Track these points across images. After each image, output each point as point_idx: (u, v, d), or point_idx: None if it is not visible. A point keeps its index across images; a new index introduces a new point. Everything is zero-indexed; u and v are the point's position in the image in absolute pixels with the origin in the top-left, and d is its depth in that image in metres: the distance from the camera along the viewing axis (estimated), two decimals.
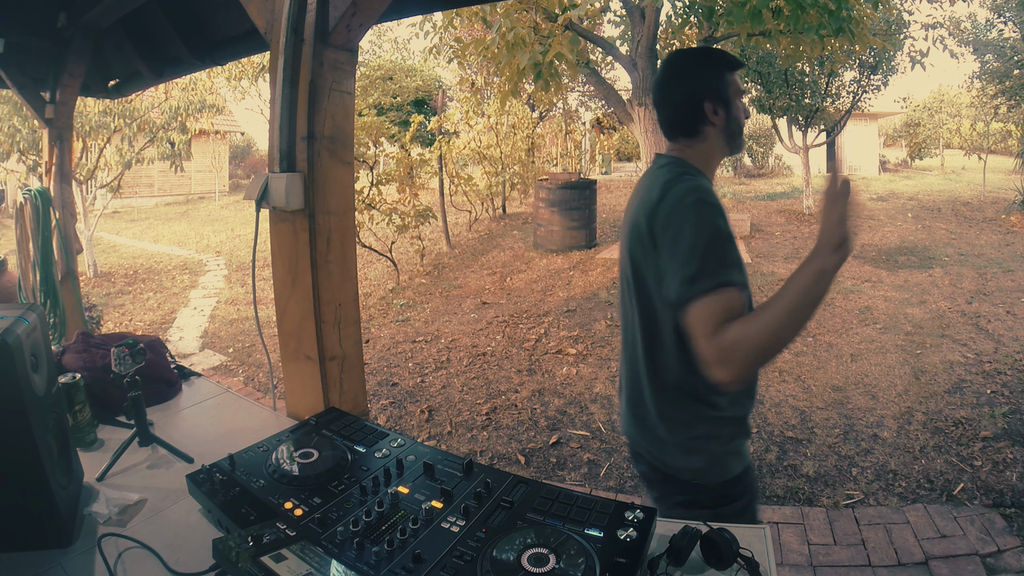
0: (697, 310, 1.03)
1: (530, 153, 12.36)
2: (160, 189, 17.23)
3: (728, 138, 1.27)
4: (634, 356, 1.30)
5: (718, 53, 1.31)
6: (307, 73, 1.40)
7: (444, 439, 3.40)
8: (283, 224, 1.49)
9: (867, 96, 10.55)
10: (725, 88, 1.25)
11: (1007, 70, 10.63)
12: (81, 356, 1.62)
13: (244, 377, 4.49)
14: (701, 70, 1.27)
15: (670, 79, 1.29)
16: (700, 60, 1.31)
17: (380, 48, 21.91)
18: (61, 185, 2.95)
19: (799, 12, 4.30)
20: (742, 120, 1.28)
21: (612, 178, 17.23)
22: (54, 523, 1.03)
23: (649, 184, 1.23)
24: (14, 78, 2.71)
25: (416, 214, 7.16)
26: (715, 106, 1.23)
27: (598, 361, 4.39)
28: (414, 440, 1.27)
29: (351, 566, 0.87)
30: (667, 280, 1.10)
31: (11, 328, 0.99)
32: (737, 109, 1.27)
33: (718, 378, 1.01)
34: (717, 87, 1.24)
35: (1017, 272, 6.50)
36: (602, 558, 0.87)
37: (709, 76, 1.25)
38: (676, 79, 1.29)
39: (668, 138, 1.31)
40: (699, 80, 1.25)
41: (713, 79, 1.25)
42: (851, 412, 3.47)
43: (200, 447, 1.37)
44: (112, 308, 6.43)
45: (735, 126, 1.27)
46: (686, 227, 1.09)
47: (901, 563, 2.20)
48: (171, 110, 8.25)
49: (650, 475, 1.35)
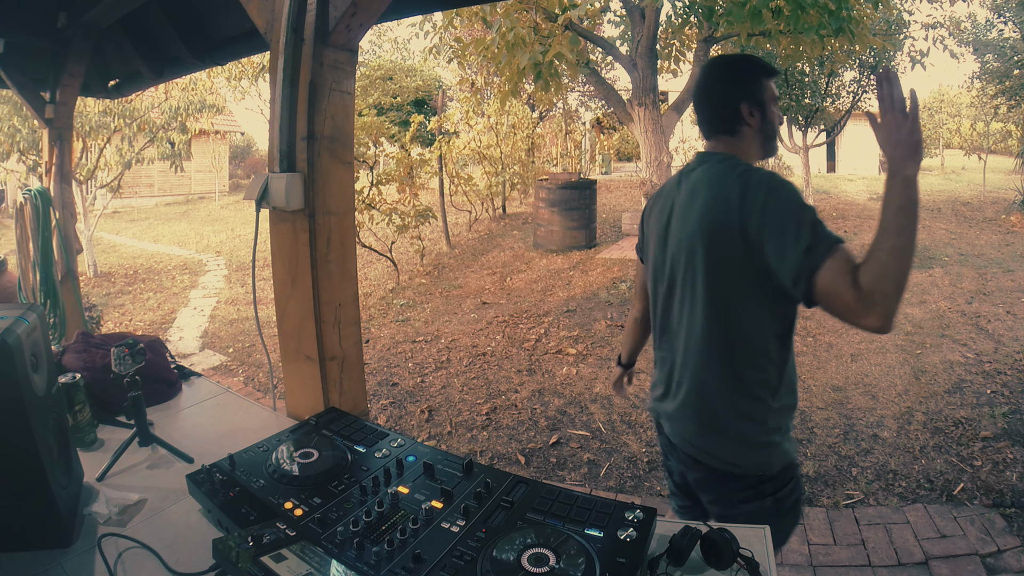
0: (826, 274, 1.06)
1: (530, 153, 12.36)
2: (160, 189, 17.23)
3: (764, 139, 1.35)
4: (703, 363, 1.30)
5: (756, 60, 1.37)
6: (307, 73, 1.40)
7: (444, 439, 3.40)
8: (283, 224, 1.49)
9: (867, 96, 10.55)
10: (761, 92, 1.32)
11: (1007, 70, 10.63)
12: (81, 356, 1.62)
13: (244, 377, 4.49)
14: (740, 74, 1.34)
15: (711, 81, 1.37)
16: (739, 65, 1.37)
17: (380, 48, 21.93)
18: (61, 185, 2.95)
19: (799, 12, 4.29)
20: (776, 124, 1.36)
21: (612, 178, 17.23)
22: (54, 523, 1.03)
23: (713, 180, 1.26)
24: (14, 78, 2.71)
25: (416, 214, 7.16)
26: (751, 108, 1.31)
27: (598, 361, 4.39)
28: (414, 440, 1.27)
29: (351, 566, 0.87)
30: (784, 260, 1.11)
31: (11, 328, 0.99)
32: (772, 113, 1.33)
33: (873, 324, 1.02)
34: (754, 90, 1.31)
35: (1017, 272, 6.50)
36: (602, 558, 0.87)
37: (747, 80, 1.33)
38: (716, 81, 1.37)
39: (706, 136, 1.38)
40: (737, 83, 1.33)
41: (750, 83, 1.32)
42: (851, 412, 3.47)
43: (200, 447, 1.37)
44: (112, 308, 6.43)
45: (770, 129, 1.34)
46: (785, 207, 1.13)
47: (901, 563, 2.20)
48: (171, 110, 8.25)
49: (709, 478, 1.36)
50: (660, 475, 2.94)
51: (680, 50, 6.15)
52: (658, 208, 1.44)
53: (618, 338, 4.78)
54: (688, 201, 1.30)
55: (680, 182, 1.37)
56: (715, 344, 1.28)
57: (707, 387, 1.31)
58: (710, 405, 1.31)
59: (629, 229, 9.46)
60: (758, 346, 1.26)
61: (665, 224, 1.38)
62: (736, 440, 1.29)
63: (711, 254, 1.23)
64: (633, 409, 3.61)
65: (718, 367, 1.28)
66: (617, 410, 3.61)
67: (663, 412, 1.44)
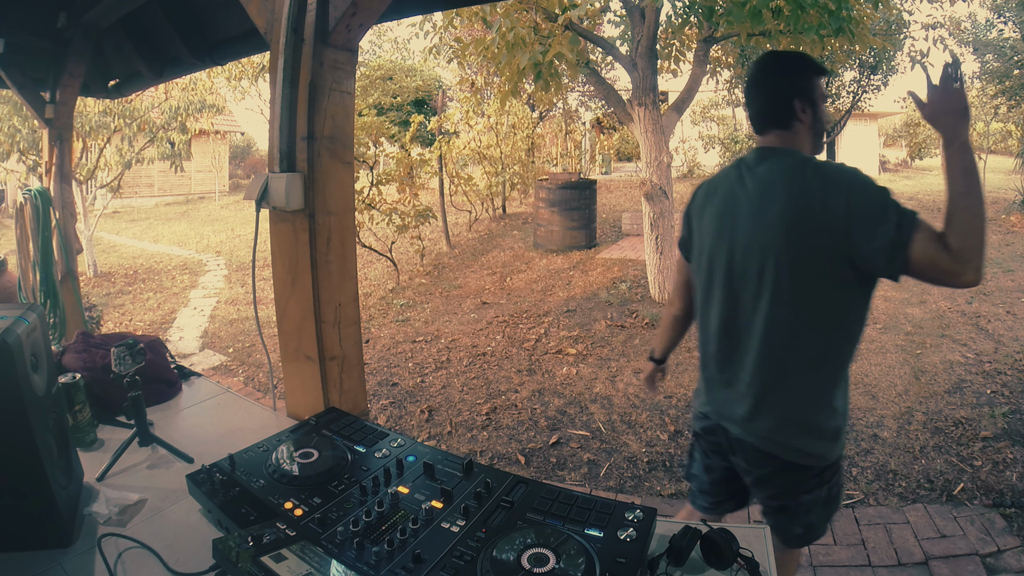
0: (918, 245, 1.14)
1: (530, 153, 12.35)
2: (160, 189, 17.23)
3: (815, 136, 1.38)
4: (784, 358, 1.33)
5: (807, 58, 1.41)
6: (307, 73, 1.40)
7: (444, 439, 3.40)
8: (283, 224, 1.49)
9: (867, 96, 10.54)
10: (813, 90, 1.35)
11: (1007, 70, 10.62)
12: (81, 356, 1.62)
13: (244, 377, 4.49)
14: (793, 70, 1.37)
15: (764, 75, 1.40)
16: (791, 61, 1.40)
17: (380, 48, 21.93)
18: (61, 185, 2.95)
19: (799, 12, 4.29)
20: (825, 123, 1.40)
21: (612, 178, 17.22)
22: (54, 523, 1.03)
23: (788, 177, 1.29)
24: (14, 78, 2.71)
25: (416, 214, 7.16)
26: (803, 104, 1.34)
27: (598, 361, 4.39)
28: (414, 440, 1.27)
29: (351, 566, 0.87)
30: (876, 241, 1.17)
31: (11, 328, 0.99)
32: (822, 111, 1.37)
33: (970, 279, 1.13)
34: (806, 87, 1.35)
35: (1017, 272, 6.50)
36: (602, 558, 0.87)
37: (799, 77, 1.36)
38: (770, 76, 1.39)
39: (759, 132, 1.41)
40: (790, 79, 1.36)
41: (803, 80, 1.36)
42: (851, 412, 3.47)
43: (200, 447, 1.37)
44: (112, 308, 6.43)
45: (820, 126, 1.38)
46: (868, 193, 1.20)
47: (901, 563, 2.20)
48: (171, 110, 8.25)
49: (778, 471, 1.40)
50: (660, 475, 2.94)
51: (680, 50, 6.14)
52: (714, 204, 1.43)
53: (618, 338, 4.78)
54: (761, 199, 1.31)
55: (742, 178, 1.37)
56: (796, 339, 1.31)
57: (788, 382, 1.34)
58: (791, 399, 1.34)
59: (629, 229, 9.46)
60: (835, 339, 1.32)
61: (729, 221, 1.38)
62: (816, 431, 1.34)
63: (792, 251, 1.26)
64: (633, 409, 3.61)
65: (799, 361, 1.32)
66: (617, 410, 3.61)
67: (727, 412, 1.44)
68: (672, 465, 3.02)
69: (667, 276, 5.73)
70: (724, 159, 16.99)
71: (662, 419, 3.47)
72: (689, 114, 16.28)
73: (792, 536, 1.47)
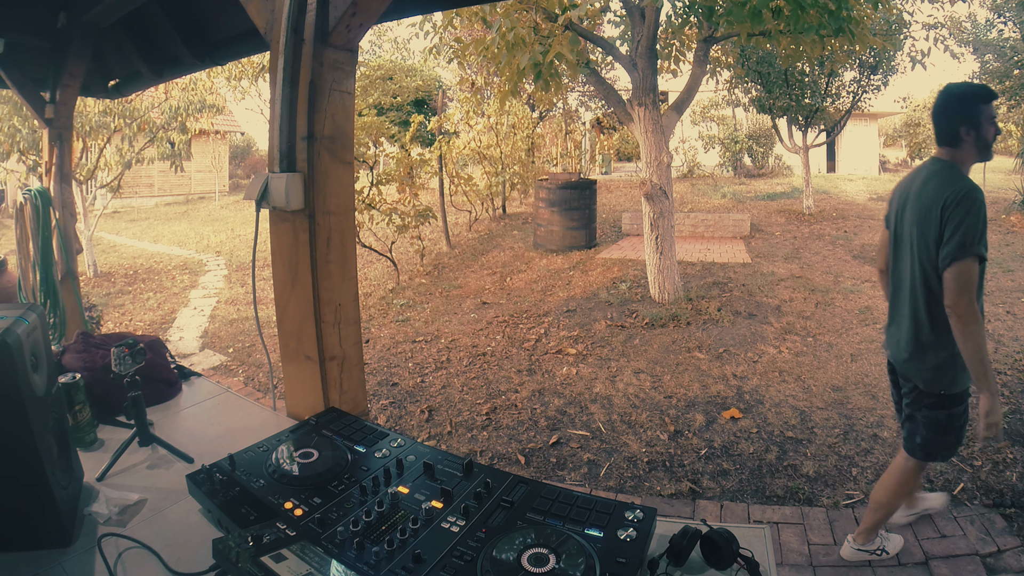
0: (953, 270, 1.73)
1: (530, 153, 12.35)
2: (160, 189, 17.24)
3: (979, 150, 1.84)
4: (917, 306, 1.91)
5: (977, 90, 1.86)
6: (307, 73, 1.40)
7: (444, 439, 3.40)
8: (283, 224, 1.49)
9: (867, 96, 10.52)
10: (979, 116, 1.81)
11: (1007, 70, 10.61)
12: (81, 356, 1.62)
13: (244, 377, 4.49)
14: (962, 103, 1.84)
15: (939, 105, 1.88)
16: (962, 94, 1.86)
17: (380, 48, 21.93)
18: (61, 185, 2.95)
19: (799, 12, 4.29)
20: (990, 138, 1.83)
21: (612, 178, 17.22)
22: (54, 523, 1.03)
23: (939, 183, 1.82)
24: (14, 78, 2.71)
25: (416, 214, 7.16)
26: (967, 129, 1.82)
27: (598, 361, 4.39)
28: (414, 440, 1.27)
29: (351, 566, 0.87)
30: (947, 244, 1.74)
31: (11, 328, 0.99)
32: (987, 132, 1.81)
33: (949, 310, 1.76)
34: (971, 116, 1.81)
35: (1017, 272, 6.50)
36: (602, 558, 0.87)
37: (967, 107, 1.82)
38: (943, 107, 1.87)
39: (938, 144, 1.91)
40: (960, 110, 1.83)
41: (970, 110, 1.81)
42: (851, 412, 3.47)
43: (200, 447, 1.37)
44: (112, 308, 6.44)
45: (983, 143, 1.83)
46: (969, 214, 1.71)
47: (901, 563, 2.20)
48: (171, 110, 8.25)
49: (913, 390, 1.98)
50: (660, 475, 2.94)
51: (680, 50, 6.14)
52: (900, 192, 2.03)
53: (618, 338, 4.79)
54: (919, 193, 1.89)
55: (917, 176, 1.95)
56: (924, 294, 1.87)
57: (920, 324, 1.90)
58: (917, 337, 1.91)
59: (629, 229, 9.46)
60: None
61: (903, 205, 1.97)
62: (933, 364, 1.89)
63: (922, 230, 1.84)
64: (633, 409, 3.61)
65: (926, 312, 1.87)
66: (617, 410, 3.61)
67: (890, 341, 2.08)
68: (672, 465, 3.02)
69: (667, 276, 5.73)
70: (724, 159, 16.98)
71: (662, 419, 3.47)
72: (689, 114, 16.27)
73: (913, 445, 2.00)
